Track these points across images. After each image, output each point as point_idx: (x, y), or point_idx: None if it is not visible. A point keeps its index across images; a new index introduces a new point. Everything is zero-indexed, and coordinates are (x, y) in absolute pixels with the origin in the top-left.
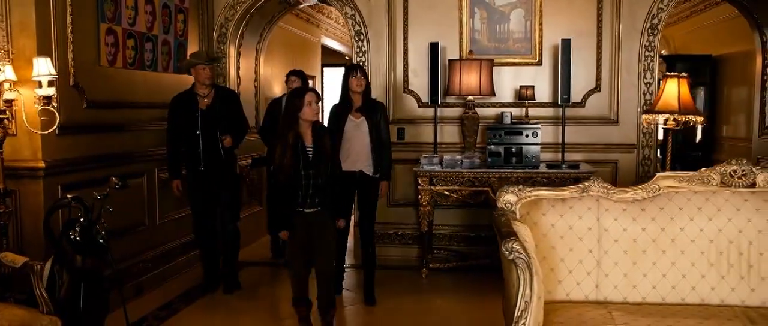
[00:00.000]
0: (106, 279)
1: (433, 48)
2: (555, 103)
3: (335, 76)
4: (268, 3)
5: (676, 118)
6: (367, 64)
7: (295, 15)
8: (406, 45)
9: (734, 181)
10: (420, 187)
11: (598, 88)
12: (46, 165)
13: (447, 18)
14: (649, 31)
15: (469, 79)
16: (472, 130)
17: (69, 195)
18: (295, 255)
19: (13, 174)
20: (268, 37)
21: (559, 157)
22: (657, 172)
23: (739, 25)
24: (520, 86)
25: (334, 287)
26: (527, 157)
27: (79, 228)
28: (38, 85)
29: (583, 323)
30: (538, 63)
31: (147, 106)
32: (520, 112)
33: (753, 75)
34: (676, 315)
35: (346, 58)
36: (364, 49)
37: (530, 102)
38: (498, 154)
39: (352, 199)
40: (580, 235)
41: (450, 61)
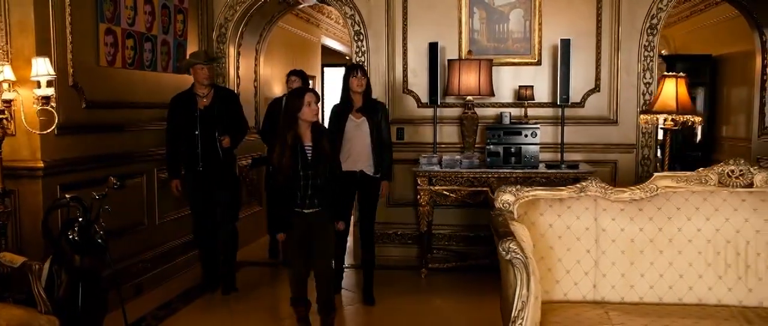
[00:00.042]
0: (104, 279)
1: (433, 48)
2: (554, 103)
3: (335, 76)
4: (268, 3)
5: (674, 118)
6: (366, 64)
7: (295, 15)
8: (405, 45)
9: (732, 181)
10: (419, 187)
11: (597, 88)
12: (45, 165)
13: (446, 18)
14: (649, 31)
15: (468, 79)
16: (471, 130)
17: (67, 195)
18: (294, 255)
19: (12, 174)
20: (268, 37)
21: (559, 157)
22: (654, 172)
23: (739, 25)
24: (520, 86)
25: (334, 288)
26: (526, 157)
27: (77, 228)
28: (37, 85)
29: (580, 323)
30: (538, 63)
31: (146, 106)
32: (520, 112)
33: (753, 75)
34: (672, 315)
35: (347, 58)
36: (363, 49)
37: (529, 102)
38: (497, 154)
39: (353, 200)
40: (578, 235)
41: (449, 61)
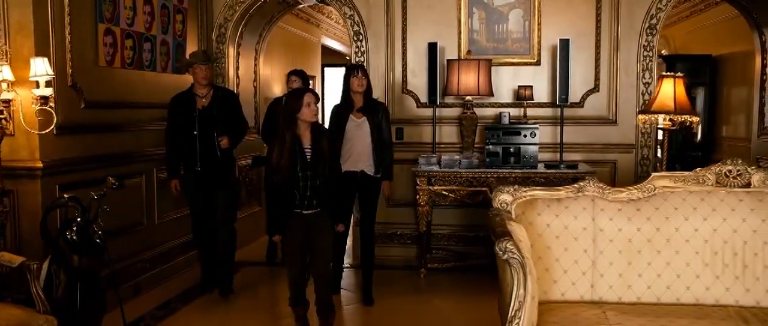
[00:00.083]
0: (103, 279)
1: (432, 48)
2: (553, 103)
3: (336, 76)
4: (268, 3)
5: (672, 118)
6: (365, 64)
7: (295, 15)
8: (404, 45)
9: (729, 181)
10: (418, 187)
11: (596, 88)
12: (43, 165)
13: (446, 18)
14: (648, 31)
15: (467, 79)
16: (470, 130)
17: (66, 195)
18: (292, 256)
19: (11, 174)
20: (268, 38)
21: (558, 157)
22: (652, 172)
23: (739, 25)
24: (519, 86)
25: (332, 289)
26: (525, 157)
27: (75, 228)
28: (36, 85)
29: (578, 323)
30: (537, 63)
31: (145, 106)
32: (519, 112)
33: (753, 75)
34: (670, 315)
35: (347, 58)
36: (362, 49)
37: (529, 102)
38: (496, 154)
39: (353, 202)
40: (576, 235)
41: (448, 61)
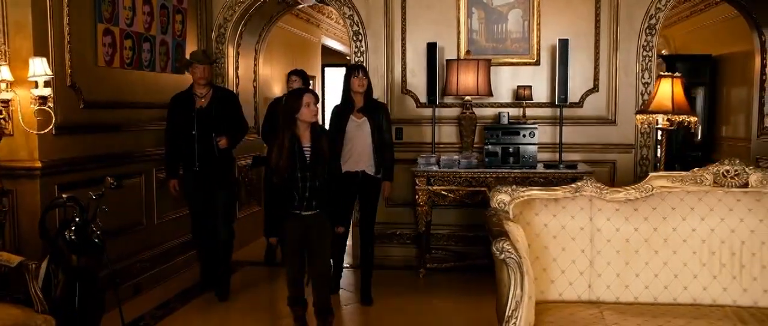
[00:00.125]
0: (101, 279)
1: (431, 48)
2: (553, 103)
3: (336, 76)
4: (267, 3)
5: (670, 118)
6: (365, 64)
7: (295, 15)
8: (404, 45)
9: (727, 181)
10: (417, 187)
11: (596, 88)
12: (42, 165)
13: (445, 18)
14: (647, 32)
15: (466, 79)
16: (469, 130)
17: (64, 195)
18: (291, 255)
19: (10, 174)
20: (267, 38)
21: (557, 157)
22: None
23: (739, 25)
24: (518, 86)
25: (330, 291)
26: (524, 157)
27: (74, 228)
28: (34, 85)
29: (575, 323)
30: (536, 63)
31: (145, 106)
32: (518, 112)
33: (752, 75)
34: (666, 315)
35: (347, 58)
36: (362, 49)
37: (528, 102)
38: (495, 154)
39: (353, 203)
40: (573, 235)
41: (447, 61)
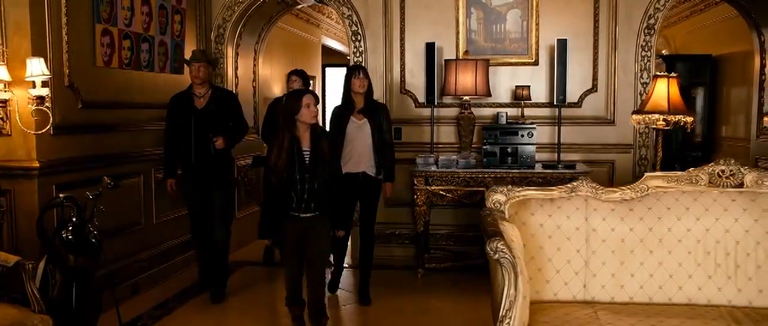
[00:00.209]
0: (99, 279)
1: (430, 48)
2: (551, 103)
3: (337, 76)
4: (267, 3)
5: (666, 119)
6: (364, 64)
7: (295, 15)
8: (403, 45)
9: (722, 181)
10: (416, 187)
11: (594, 88)
12: (40, 165)
13: (444, 18)
14: (646, 31)
15: (464, 79)
16: (468, 130)
17: (61, 195)
18: (290, 256)
19: (8, 173)
20: (267, 38)
21: (556, 157)
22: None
23: (739, 25)
24: (516, 86)
25: (326, 291)
26: (523, 157)
27: (71, 228)
28: (32, 85)
29: (569, 323)
30: (535, 63)
31: (143, 106)
32: (517, 112)
33: (752, 75)
34: (660, 315)
35: (348, 58)
36: (361, 49)
37: (527, 102)
38: (493, 154)
39: (354, 206)
40: (569, 235)
41: (446, 61)
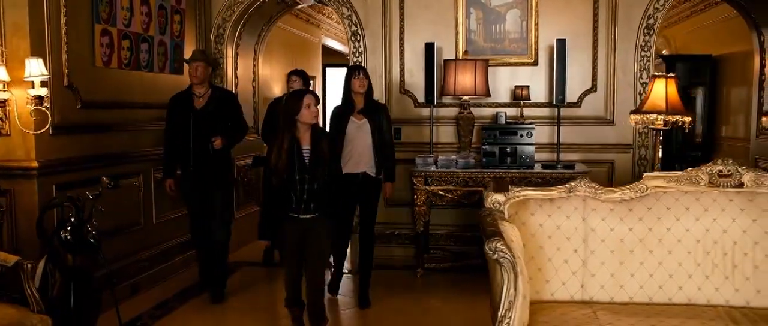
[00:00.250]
0: (98, 279)
1: (429, 48)
2: (551, 103)
3: (338, 75)
4: (266, 3)
5: (665, 119)
6: (363, 64)
7: (295, 15)
8: (402, 45)
9: (721, 181)
10: (415, 187)
11: (594, 88)
12: (39, 165)
13: (443, 18)
14: (645, 31)
15: (463, 79)
16: (467, 130)
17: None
18: (290, 256)
19: (8, 173)
20: (267, 38)
21: (555, 157)
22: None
23: (739, 25)
24: (516, 86)
25: (324, 296)
26: (522, 157)
27: (69, 228)
28: (31, 85)
29: (566, 323)
30: (534, 63)
31: (143, 106)
32: (516, 112)
33: (752, 75)
34: (660, 315)
35: (348, 58)
36: (360, 49)
37: (526, 102)
38: (493, 154)
39: (355, 208)
40: (568, 235)
41: (445, 61)
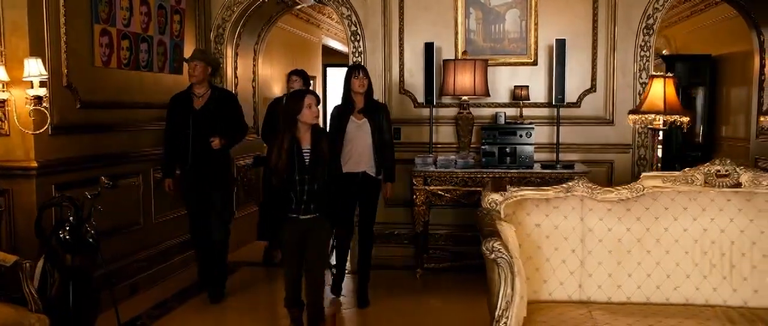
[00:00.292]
0: (97, 278)
1: (429, 48)
2: (550, 103)
3: (338, 75)
4: (266, 3)
5: (663, 119)
6: (363, 64)
7: (295, 15)
8: (402, 45)
9: (718, 181)
10: (415, 187)
11: (593, 88)
12: (38, 165)
13: (442, 18)
14: (645, 32)
15: (463, 79)
16: (466, 130)
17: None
18: (290, 256)
19: (7, 173)
20: (267, 38)
21: (555, 157)
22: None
23: (738, 25)
24: (515, 86)
25: (324, 296)
26: (521, 157)
27: (68, 228)
28: (30, 85)
29: (564, 322)
30: (534, 63)
31: (142, 106)
32: (516, 112)
33: (752, 75)
34: (657, 315)
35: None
36: (360, 49)
37: (525, 102)
38: (492, 154)
39: (355, 208)
40: (566, 235)
41: (444, 61)
